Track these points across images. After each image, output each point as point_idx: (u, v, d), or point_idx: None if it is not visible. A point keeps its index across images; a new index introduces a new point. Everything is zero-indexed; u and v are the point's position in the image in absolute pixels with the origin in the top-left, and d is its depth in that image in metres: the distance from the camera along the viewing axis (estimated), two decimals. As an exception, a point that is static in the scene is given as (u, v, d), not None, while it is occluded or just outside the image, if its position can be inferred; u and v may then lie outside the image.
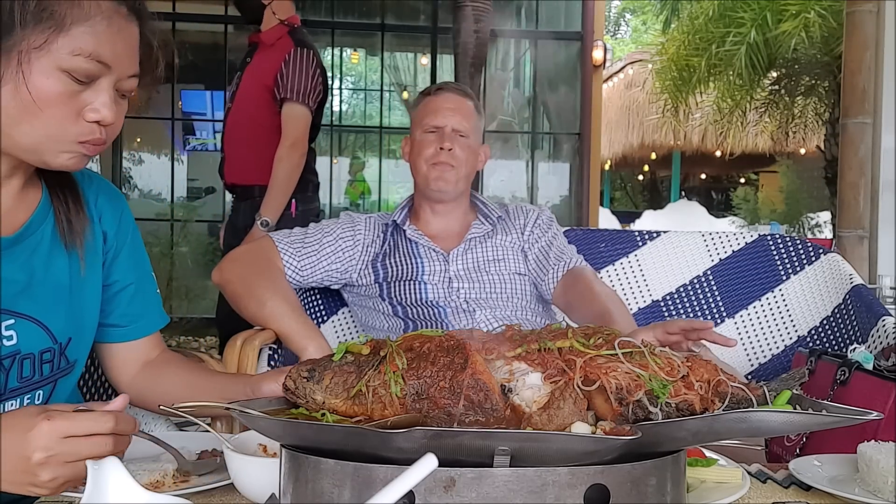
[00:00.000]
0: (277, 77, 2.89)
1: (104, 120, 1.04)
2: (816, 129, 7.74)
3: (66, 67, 1.00)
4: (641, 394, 0.73)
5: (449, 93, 1.94)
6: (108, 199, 1.25)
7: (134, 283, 1.27)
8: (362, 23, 7.61)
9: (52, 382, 1.16)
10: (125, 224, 1.26)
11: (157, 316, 1.32)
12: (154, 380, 1.28)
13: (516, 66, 8.19)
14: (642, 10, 19.24)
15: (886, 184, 3.43)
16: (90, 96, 1.03)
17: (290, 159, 2.88)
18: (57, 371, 1.15)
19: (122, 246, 1.26)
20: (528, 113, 7.82)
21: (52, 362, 1.14)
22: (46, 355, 1.13)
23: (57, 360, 1.15)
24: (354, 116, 8.70)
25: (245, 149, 3.03)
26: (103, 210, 1.24)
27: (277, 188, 2.87)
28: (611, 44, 12.13)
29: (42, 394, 1.15)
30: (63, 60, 1.00)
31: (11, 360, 1.09)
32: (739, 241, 2.22)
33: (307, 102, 2.90)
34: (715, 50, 7.02)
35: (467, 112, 1.92)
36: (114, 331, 1.27)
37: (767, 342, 2.14)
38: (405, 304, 1.85)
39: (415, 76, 7.90)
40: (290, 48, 2.92)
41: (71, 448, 0.86)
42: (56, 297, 1.14)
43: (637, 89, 10.94)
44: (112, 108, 1.04)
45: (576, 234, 2.20)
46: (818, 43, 6.45)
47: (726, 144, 9.24)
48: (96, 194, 1.24)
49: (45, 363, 1.13)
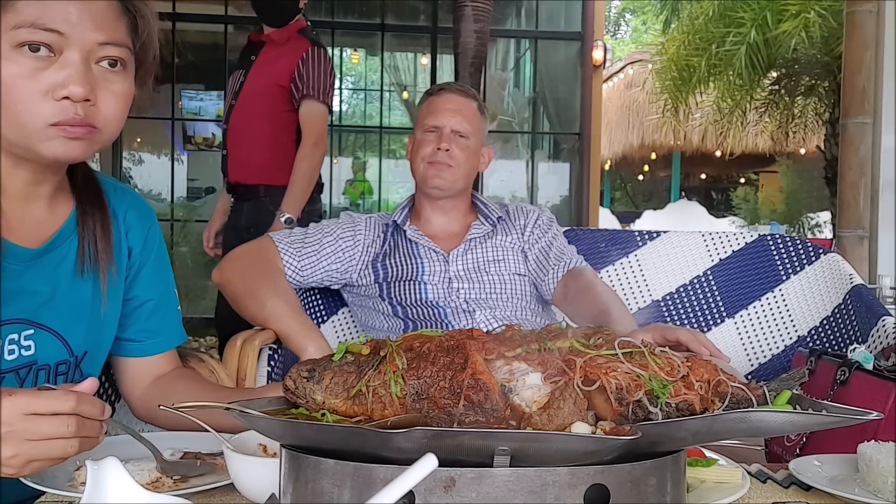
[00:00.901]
0: (295, 75, 2.88)
1: (73, 95, 0.97)
2: (816, 129, 7.74)
3: (16, 43, 0.96)
4: (641, 394, 0.73)
5: (451, 93, 1.94)
6: (138, 214, 1.23)
7: (154, 299, 1.25)
8: (362, 23, 7.61)
9: None
10: (151, 240, 1.25)
11: (175, 334, 1.30)
12: (162, 395, 1.25)
13: (516, 66, 8.19)
14: (642, 10, 19.24)
15: (886, 184, 3.43)
16: (54, 73, 0.97)
17: (314, 157, 2.89)
18: (71, 384, 1.15)
19: (146, 262, 1.24)
20: (528, 113, 7.82)
21: (67, 374, 1.14)
22: (62, 367, 1.13)
23: (72, 372, 1.14)
24: (354, 116, 8.70)
25: (252, 147, 3.01)
26: (131, 225, 1.22)
27: (300, 185, 2.86)
28: (611, 44, 12.12)
29: None
30: (12, 37, 0.96)
31: (28, 369, 1.09)
32: (739, 241, 2.22)
33: (326, 101, 2.90)
34: (715, 50, 7.02)
35: (469, 113, 1.92)
36: (130, 345, 1.25)
37: (767, 342, 2.14)
38: (405, 304, 1.85)
39: (415, 76, 7.90)
40: (307, 47, 2.92)
41: (32, 425, 0.84)
42: (77, 311, 1.13)
43: (637, 89, 10.94)
44: (80, 81, 0.97)
45: (576, 234, 2.20)
46: (818, 43, 6.45)
47: (726, 144, 9.23)
48: (126, 209, 1.22)
49: (59, 375, 1.13)
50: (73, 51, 0.98)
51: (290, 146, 2.97)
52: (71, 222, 1.14)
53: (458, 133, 1.90)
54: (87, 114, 1.00)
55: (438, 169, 1.88)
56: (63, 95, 0.98)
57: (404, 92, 7.88)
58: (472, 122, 1.92)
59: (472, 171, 1.94)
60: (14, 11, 0.96)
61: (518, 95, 8.14)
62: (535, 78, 7.61)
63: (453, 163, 1.88)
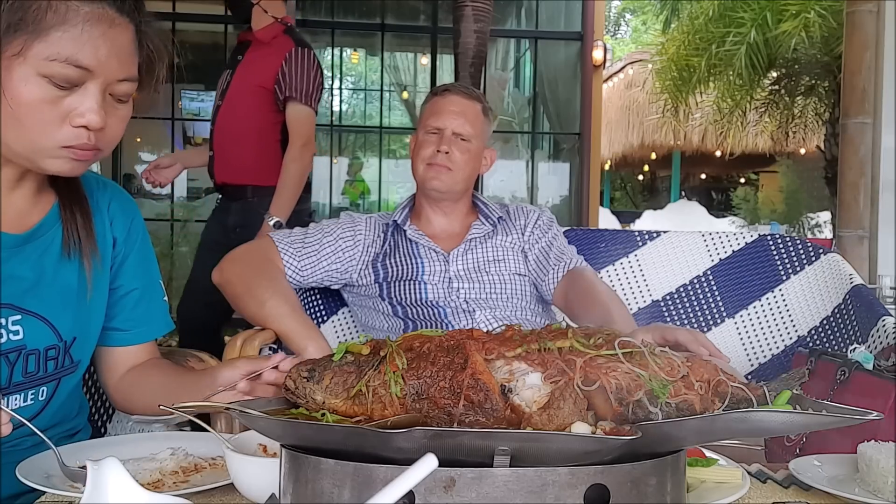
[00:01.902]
0: (279, 76, 2.87)
1: (91, 125, 1.02)
2: (816, 129, 7.74)
3: (45, 73, 0.99)
4: (641, 394, 0.73)
5: (455, 95, 1.94)
6: (121, 205, 1.26)
7: (139, 288, 1.28)
8: (362, 23, 7.60)
9: (56, 379, 1.18)
10: (135, 231, 1.27)
11: (161, 323, 1.33)
12: (134, 384, 1.29)
13: (516, 66, 8.19)
14: (642, 10, 19.24)
15: (886, 184, 3.43)
16: (75, 101, 1.01)
17: (303, 160, 2.87)
18: (61, 369, 1.17)
19: (130, 252, 1.27)
20: (528, 113, 7.82)
21: (57, 360, 1.16)
22: (51, 352, 1.15)
23: (62, 357, 1.17)
24: (354, 116, 8.69)
25: (238, 148, 2.99)
26: (115, 216, 1.25)
27: (289, 188, 2.84)
28: (611, 44, 12.13)
29: (46, 390, 1.17)
30: (41, 66, 0.99)
31: (17, 354, 1.11)
32: (739, 241, 2.22)
33: (311, 104, 2.89)
34: (715, 50, 7.02)
35: (471, 115, 1.91)
36: (116, 334, 1.28)
37: (767, 342, 2.14)
38: (405, 304, 1.85)
39: (415, 76, 7.90)
40: (291, 47, 2.90)
41: None
42: (64, 297, 1.16)
43: (637, 89, 10.94)
44: (99, 112, 1.02)
45: (576, 234, 2.20)
46: (818, 43, 6.45)
47: (726, 144, 9.25)
48: (109, 200, 1.25)
49: (49, 360, 1.15)
50: (96, 83, 1.02)
51: (276, 147, 2.94)
52: (55, 212, 1.17)
53: (459, 135, 1.89)
54: (97, 139, 1.05)
55: (437, 171, 1.88)
56: (81, 124, 1.02)
57: (404, 92, 7.87)
58: (474, 125, 1.91)
59: (472, 173, 1.94)
60: (47, 42, 0.98)
61: (518, 95, 8.14)
62: (535, 78, 7.61)
63: (453, 166, 1.88)
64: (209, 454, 1.10)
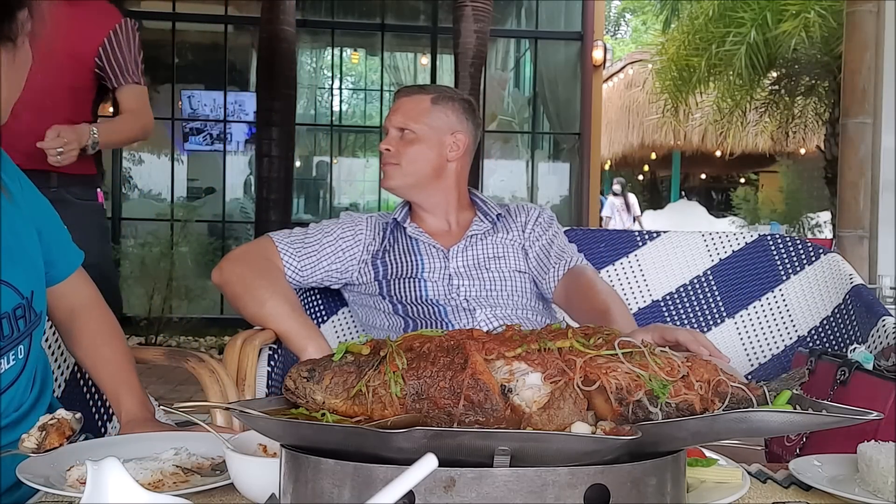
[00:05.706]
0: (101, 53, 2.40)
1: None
2: (816, 129, 7.74)
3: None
4: (641, 394, 0.73)
5: (400, 97, 1.95)
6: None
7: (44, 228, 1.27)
8: (362, 23, 7.61)
9: (28, 336, 1.19)
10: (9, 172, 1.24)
11: (73, 253, 1.35)
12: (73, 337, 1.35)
13: (516, 66, 8.20)
14: (642, 10, 19.24)
15: (886, 184, 3.43)
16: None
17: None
18: (30, 324, 1.19)
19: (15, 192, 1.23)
20: (528, 113, 7.83)
21: (26, 317, 1.17)
22: (19, 311, 1.16)
23: (28, 314, 1.18)
24: (354, 116, 8.70)
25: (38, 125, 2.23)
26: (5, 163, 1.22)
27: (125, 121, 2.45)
28: (611, 44, 12.14)
29: (23, 348, 1.18)
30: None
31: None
32: (739, 241, 2.22)
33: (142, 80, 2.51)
34: (715, 50, 7.02)
35: (411, 108, 1.89)
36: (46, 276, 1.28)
37: (767, 342, 2.14)
38: (405, 302, 1.85)
39: (415, 76, 7.90)
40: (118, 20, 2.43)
41: None
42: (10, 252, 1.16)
43: (637, 89, 10.95)
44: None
45: (576, 233, 2.20)
46: (818, 43, 6.45)
47: (726, 144, 9.24)
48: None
49: (19, 319, 1.16)
50: None
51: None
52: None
53: (400, 129, 1.89)
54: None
55: (385, 170, 1.90)
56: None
57: (404, 92, 7.87)
58: (417, 117, 1.88)
59: (428, 162, 1.88)
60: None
61: (518, 95, 8.15)
62: (535, 78, 7.62)
63: (398, 160, 1.87)
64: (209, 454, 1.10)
